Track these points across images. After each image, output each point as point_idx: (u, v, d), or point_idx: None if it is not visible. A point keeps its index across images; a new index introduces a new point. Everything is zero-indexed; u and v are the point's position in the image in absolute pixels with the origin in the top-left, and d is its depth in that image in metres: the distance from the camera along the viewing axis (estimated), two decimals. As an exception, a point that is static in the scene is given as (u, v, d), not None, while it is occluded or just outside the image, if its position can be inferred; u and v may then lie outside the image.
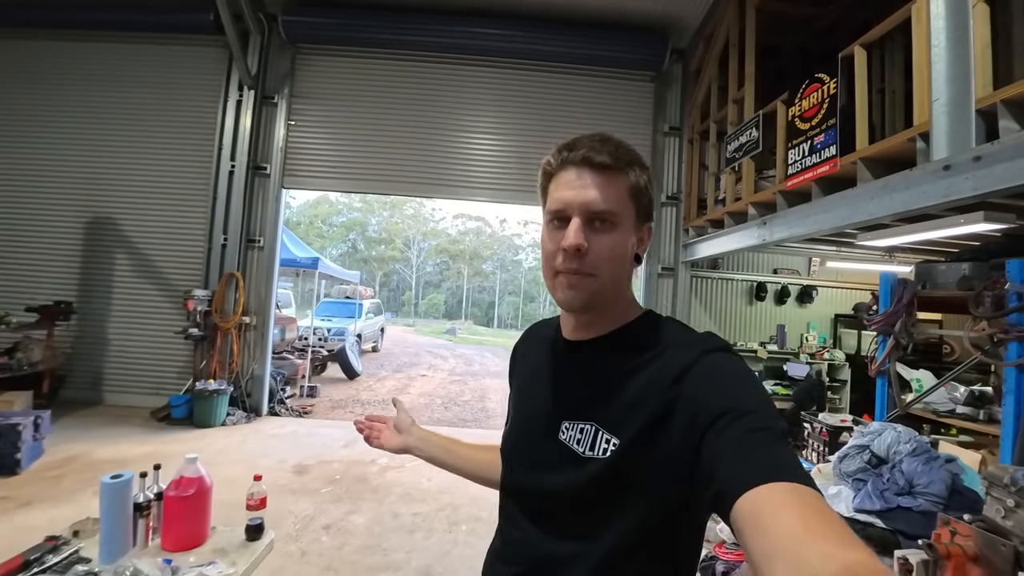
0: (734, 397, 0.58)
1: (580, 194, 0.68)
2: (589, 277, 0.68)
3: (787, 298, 6.16)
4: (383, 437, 1.08)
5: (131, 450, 4.38)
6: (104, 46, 5.93)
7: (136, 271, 5.88)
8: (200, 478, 1.85)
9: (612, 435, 0.65)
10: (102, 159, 5.90)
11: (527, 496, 0.76)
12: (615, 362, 0.70)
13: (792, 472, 0.49)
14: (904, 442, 2.34)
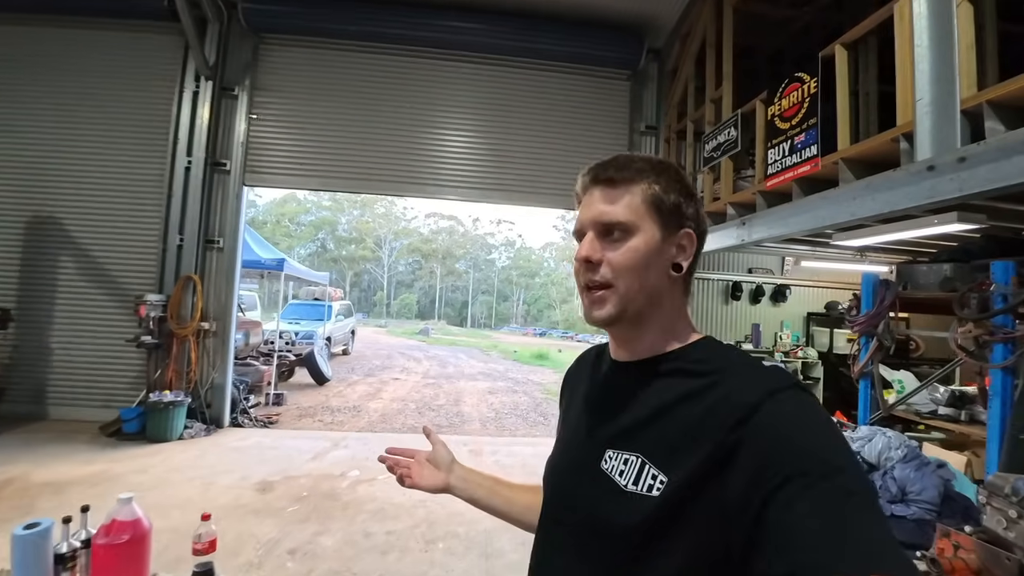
0: (813, 451, 0.51)
1: (592, 210, 0.70)
2: (607, 288, 0.68)
3: (761, 297, 6.21)
4: (415, 474, 0.98)
5: (75, 471, 4.01)
6: (47, 31, 5.44)
7: (83, 275, 5.44)
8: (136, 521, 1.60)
9: (660, 471, 0.60)
10: (44, 154, 5.42)
11: (560, 526, 0.73)
12: (667, 387, 0.66)
13: (886, 555, 0.42)
14: (895, 448, 2.30)
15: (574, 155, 6.04)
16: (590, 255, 0.68)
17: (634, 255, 0.67)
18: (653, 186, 0.69)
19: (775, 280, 6.27)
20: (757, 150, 3.96)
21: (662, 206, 0.69)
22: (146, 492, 3.76)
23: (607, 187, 0.70)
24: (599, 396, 0.76)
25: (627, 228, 0.67)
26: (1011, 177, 2.19)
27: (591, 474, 0.68)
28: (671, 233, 0.69)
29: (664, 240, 0.69)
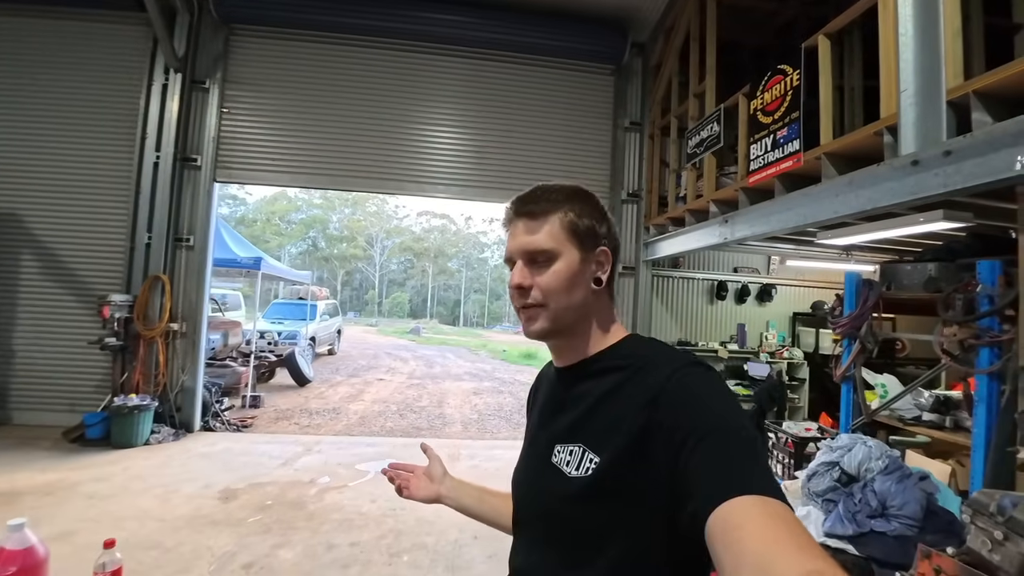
0: (705, 413, 0.60)
1: (517, 241, 0.77)
2: (540, 307, 0.75)
3: (747, 297, 6.10)
4: (412, 486, 1.05)
5: (29, 479, 3.83)
6: (9, 19, 5.23)
7: (46, 274, 5.23)
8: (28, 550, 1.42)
9: (595, 454, 0.68)
10: (4, 148, 5.21)
11: (528, 523, 0.81)
12: (595, 384, 0.75)
13: (760, 485, 0.51)
14: (876, 458, 2.18)
15: (558, 152, 5.91)
16: (521, 282, 0.75)
17: (559, 277, 0.74)
18: (569, 214, 0.77)
19: (761, 279, 6.16)
20: (740, 145, 3.84)
21: (578, 230, 0.76)
22: (103, 501, 3.59)
23: (528, 219, 0.77)
24: (549, 402, 0.85)
25: (550, 254, 0.75)
26: (998, 172, 2.06)
27: (544, 470, 0.75)
28: (589, 252, 0.77)
29: (583, 260, 0.76)
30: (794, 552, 0.43)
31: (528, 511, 0.81)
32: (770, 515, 0.47)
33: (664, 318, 6.04)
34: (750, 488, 0.50)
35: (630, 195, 5.90)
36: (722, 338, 6.10)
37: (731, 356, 5.87)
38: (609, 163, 5.93)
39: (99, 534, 3.08)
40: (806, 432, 2.95)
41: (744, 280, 6.11)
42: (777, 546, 0.44)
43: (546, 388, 0.89)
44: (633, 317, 5.78)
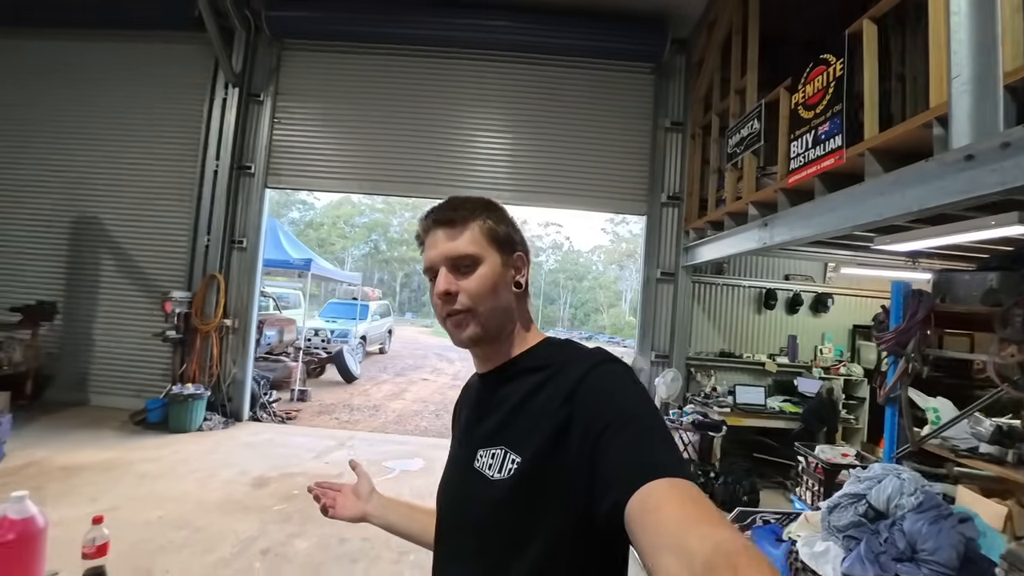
0: (617, 406, 0.63)
1: (439, 249, 0.78)
2: (467, 312, 0.76)
3: (799, 306, 5.62)
4: (339, 505, 1.04)
5: (93, 456, 4.25)
6: (89, 45, 5.90)
7: (121, 272, 5.82)
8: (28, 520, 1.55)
9: (516, 455, 0.69)
10: (87, 158, 5.87)
11: (450, 533, 0.80)
12: (518, 386, 0.76)
13: (669, 468, 0.54)
14: (908, 493, 1.92)
15: (596, 154, 5.78)
16: (448, 288, 0.75)
17: (485, 281, 0.76)
18: (488, 221, 0.79)
19: (815, 288, 5.66)
20: (780, 143, 3.56)
21: (497, 236, 0.79)
22: (151, 481, 3.91)
23: (448, 227, 0.78)
24: (471, 409, 0.85)
25: (474, 259, 0.76)
26: (1066, 166, 1.76)
27: (467, 477, 0.75)
28: (508, 257, 0.80)
29: (504, 264, 0.79)
30: (705, 526, 0.45)
31: (450, 520, 0.80)
32: (682, 495, 0.50)
33: (706, 327, 5.71)
34: (663, 472, 0.53)
35: (670, 198, 5.65)
36: (770, 350, 5.68)
37: (780, 370, 5.45)
38: (648, 165, 5.71)
39: (142, 512, 3.37)
40: (842, 458, 2.66)
41: (796, 288, 5.66)
42: (689, 523, 0.46)
43: (469, 397, 0.90)
44: (671, 325, 5.52)
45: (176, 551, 2.94)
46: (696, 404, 4.94)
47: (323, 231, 34.11)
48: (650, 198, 5.68)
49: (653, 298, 5.63)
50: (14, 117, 5.98)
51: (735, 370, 5.56)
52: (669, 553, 0.45)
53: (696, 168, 5.37)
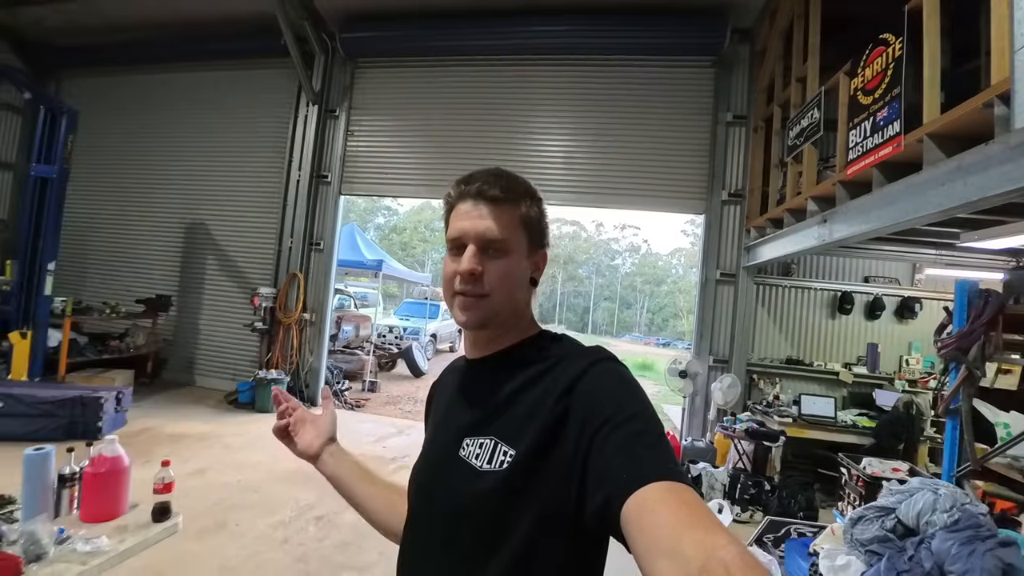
0: (615, 405, 0.62)
1: (475, 224, 0.73)
2: (483, 297, 0.73)
3: (881, 312, 5.05)
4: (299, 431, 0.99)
5: (193, 427, 4.95)
6: (197, 75, 6.88)
7: (221, 270, 6.69)
8: (116, 458, 1.95)
9: (510, 447, 0.67)
10: (196, 173, 6.85)
11: (425, 522, 0.76)
12: (512, 376, 0.73)
13: (666, 471, 0.53)
14: (943, 510, 1.74)
15: (655, 154, 5.66)
16: (475, 268, 0.72)
17: (509, 272, 0.74)
18: (532, 208, 0.77)
19: (901, 291, 5.07)
20: (839, 132, 3.30)
21: (532, 227, 0.77)
22: (234, 452, 4.48)
23: (491, 204, 0.74)
24: (456, 395, 0.82)
25: (505, 247, 0.73)
26: None
27: (450, 464, 0.72)
28: (533, 252, 0.78)
29: (528, 257, 0.77)
30: (700, 532, 0.45)
31: (428, 509, 0.76)
32: (680, 500, 0.50)
33: (771, 332, 5.36)
34: (662, 475, 0.52)
35: (731, 195, 5.38)
36: (846, 359, 5.19)
37: (856, 381, 4.97)
38: (708, 161, 5.49)
39: (224, 476, 3.89)
40: (892, 472, 2.43)
41: (878, 291, 5.11)
42: (685, 528, 0.46)
43: (451, 382, 0.87)
44: (731, 328, 5.25)
45: (246, 509, 3.38)
46: (755, 412, 4.67)
47: (405, 235, 36.11)
48: (709, 196, 5.45)
49: (712, 300, 5.39)
50: (139, 141, 7.14)
51: (804, 379, 5.15)
52: (664, 557, 0.45)
53: (759, 163, 5.08)
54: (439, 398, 0.91)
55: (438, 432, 0.82)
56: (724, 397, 4.79)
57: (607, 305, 44.41)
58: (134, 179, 7.11)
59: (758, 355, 5.30)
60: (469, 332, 0.79)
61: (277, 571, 2.73)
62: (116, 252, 7.12)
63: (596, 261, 43.62)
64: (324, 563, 2.87)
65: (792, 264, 5.26)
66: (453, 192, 0.78)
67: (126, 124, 7.20)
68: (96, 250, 7.18)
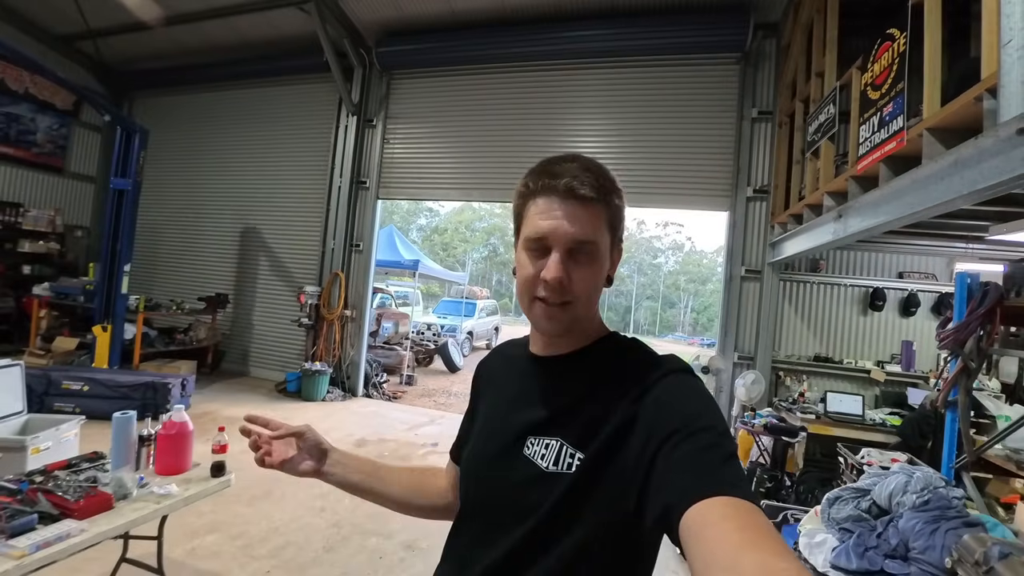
0: (688, 415, 0.60)
1: (563, 225, 0.67)
2: (568, 305, 0.69)
3: (916, 308, 4.89)
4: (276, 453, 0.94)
5: (247, 411, 5.43)
6: (249, 92, 7.55)
7: (272, 270, 7.28)
8: (183, 423, 2.33)
9: (577, 450, 0.66)
10: (249, 180, 7.51)
11: (484, 516, 0.75)
12: (582, 379, 0.73)
13: (735, 487, 0.52)
14: (913, 491, 1.82)
15: (681, 152, 5.70)
16: (562, 279, 0.67)
17: (595, 278, 0.70)
18: (615, 206, 0.71)
19: (938, 287, 4.88)
20: (851, 127, 3.31)
21: (616, 227, 0.73)
22: (282, 435, 4.93)
23: (580, 204, 0.68)
24: (519, 389, 0.79)
25: (594, 251, 0.69)
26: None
27: (512, 461, 0.71)
28: (614, 249, 0.74)
29: (609, 257, 0.73)
30: (764, 554, 0.44)
31: (488, 504, 0.75)
32: (745, 518, 0.48)
33: (799, 329, 5.29)
34: (727, 490, 0.51)
35: (757, 191, 5.36)
36: (878, 356, 5.06)
37: (889, 379, 4.85)
38: (733, 158, 5.48)
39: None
40: (890, 463, 2.47)
41: (912, 287, 4.96)
42: (748, 547, 0.45)
43: (511, 372, 0.84)
44: (756, 326, 5.24)
45: (291, 483, 3.75)
46: (779, 409, 4.65)
47: (446, 236, 36.92)
48: (734, 193, 5.45)
49: (737, 296, 5.39)
50: (201, 153, 7.89)
51: (833, 376, 5.06)
52: (722, 573, 0.44)
53: (783, 158, 5.03)
54: (490, 383, 0.89)
55: (496, 426, 0.79)
56: (748, 394, 4.79)
57: (649, 304, 43.57)
58: (194, 189, 7.87)
59: (785, 352, 5.25)
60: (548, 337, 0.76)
61: (315, 531, 3.09)
62: (181, 255, 7.89)
63: (638, 260, 42.87)
64: (355, 529, 3.21)
65: (820, 260, 5.18)
66: (532, 184, 0.71)
67: (186, 139, 7.98)
68: (164, 253, 7.98)
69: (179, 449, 2.30)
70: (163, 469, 2.22)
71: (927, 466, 1.98)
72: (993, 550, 1.26)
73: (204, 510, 3.14)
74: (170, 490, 2.00)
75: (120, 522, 1.71)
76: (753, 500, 0.51)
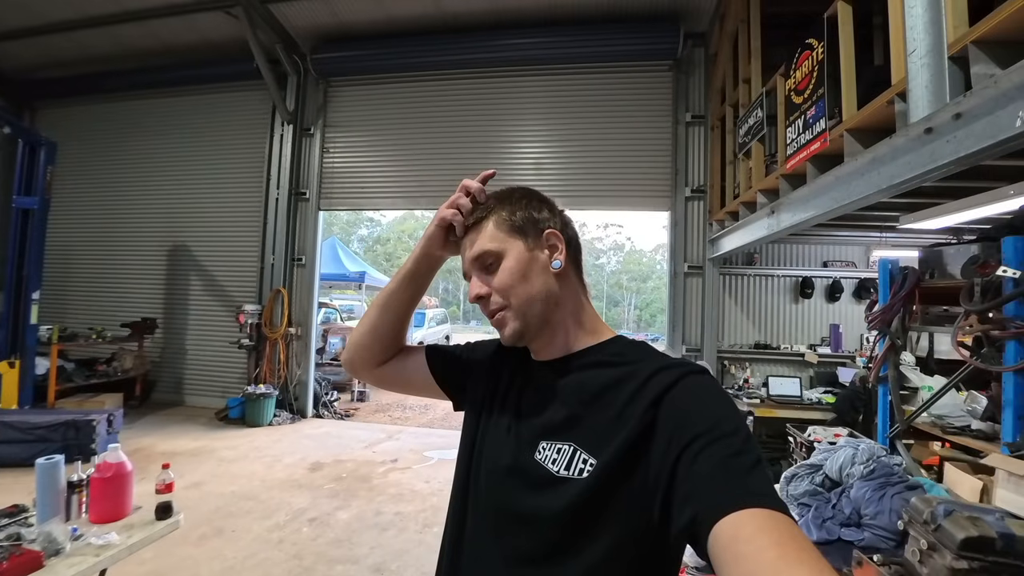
0: (711, 419, 0.58)
1: (466, 254, 0.79)
2: (503, 310, 0.74)
3: (840, 294, 5.36)
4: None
5: (185, 445, 5.05)
6: (173, 100, 7.02)
7: (205, 290, 6.80)
8: (120, 463, 2.11)
9: (590, 455, 0.65)
10: (177, 195, 6.96)
11: (493, 519, 0.73)
12: (590, 380, 0.71)
13: (768, 498, 0.50)
14: (860, 463, 1.98)
15: (622, 155, 5.90)
16: (479, 292, 0.76)
17: (509, 272, 0.74)
18: (501, 213, 0.78)
19: (858, 274, 5.37)
20: (779, 130, 3.57)
21: (515, 225, 0.77)
22: (228, 464, 4.59)
23: (472, 232, 0.79)
24: (527, 394, 0.78)
25: (496, 254, 0.75)
26: (1004, 131, 1.77)
27: (522, 466, 0.70)
28: (536, 240, 0.77)
29: (531, 248, 0.76)
30: (804, 570, 0.43)
31: (499, 507, 0.73)
32: (783, 532, 0.47)
33: (739, 320, 5.62)
34: (760, 501, 0.49)
35: (694, 191, 5.65)
36: (811, 340, 5.47)
37: (821, 361, 5.25)
38: (671, 160, 5.75)
39: (220, 487, 4.02)
40: (834, 438, 2.67)
41: (836, 275, 5.41)
42: (787, 564, 0.43)
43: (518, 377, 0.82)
44: (701, 319, 5.51)
45: (243, 516, 3.52)
46: (727, 396, 4.90)
47: (389, 246, 36.09)
48: (674, 193, 5.72)
49: (682, 292, 5.65)
50: (119, 166, 7.24)
51: (772, 362, 5.41)
52: None
53: (717, 160, 5.35)
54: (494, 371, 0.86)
55: (509, 432, 0.76)
56: (698, 384, 5.02)
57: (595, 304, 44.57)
58: (114, 205, 7.20)
59: (728, 342, 5.55)
60: (524, 344, 0.78)
61: (274, 567, 2.89)
62: (99, 278, 7.19)
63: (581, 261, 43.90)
64: (318, 558, 3.03)
65: (754, 253, 5.53)
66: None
67: (102, 152, 7.30)
68: (79, 277, 7.24)
69: (117, 492, 2.07)
70: (99, 517, 1.99)
71: (867, 438, 2.16)
72: (939, 509, 1.38)
73: (145, 556, 2.85)
74: (110, 539, 1.80)
75: (55, 581, 1.52)
76: (785, 510, 0.50)
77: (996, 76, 1.80)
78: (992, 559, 1.25)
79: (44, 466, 1.87)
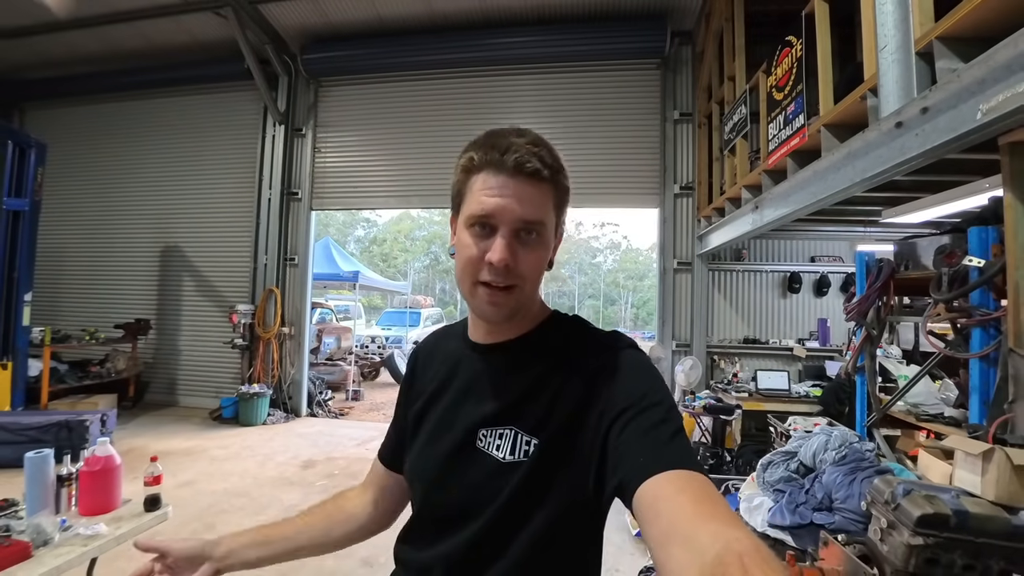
0: (637, 393, 0.61)
1: (511, 204, 0.64)
2: (513, 289, 0.66)
3: (827, 288, 5.43)
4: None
5: (178, 444, 5.07)
6: (164, 101, 7.02)
7: (198, 290, 6.81)
8: (108, 457, 2.14)
9: (532, 437, 0.66)
10: (169, 195, 6.97)
11: (439, 517, 0.72)
12: (530, 364, 0.71)
13: (686, 461, 0.54)
14: (832, 448, 2.02)
15: (611, 153, 5.95)
16: (508, 262, 0.64)
17: (542, 260, 0.68)
18: (563, 186, 0.69)
19: (845, 268, 5.44)
20: (761, 126, 3.62)
21: (561, 208, 0.71)
22: (221, 462, 4.62)
23: (529, 181, 0.65)
24: (463, 382, 0.75)
25: (541, 231, 0.66)
26: (965, 124, 1.82)
27: (466, 457, 0.69)
28: (557, 230, 0.72)
29: (553, 240, 0.71)
30: (718, 524, 0.45)
31: (443, 505, 0.71)
32: (698, 490, 0.50)
33: (728, 314, 5.67)
34: (680, 463, 0.52)
35: (683, 188, 5.71)
36: (799, 335, 5.53)
37: (809, 355, 5.31)
38: (659, 158, 5.80)
39: (212, 484, 4.05)
40: (814, 427, 2.71)
41: (823, 270, 5.47)
42: (702, 518, 0.46)
43: (452, 365, 0.79)
44: (691, 314, 5.56)
45: (234, 512, 3.55)
46: (716, 391, 4.96)
47: (386, 246, 36.07)
48: (662, 190, 5.77)
49: (671, 288, 5.70)
50: (112, 168, 7.23)
51: (761, 356, 5.48)
52: (679, 545, 0.44)
53: (704, 157, 5.40)
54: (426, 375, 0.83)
55: (444, 424, 0.74)
56: (687, 379, 5.07)
57: (591, 303, 44.77)
58: (106, 206, 7.20)
59: (717, 337, 5.61)
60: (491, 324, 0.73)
61: (263, 563, 2.92)
62: (92, 279, 7.19)
63: (578, 260, 43.98)
64: (308, 554, 3.06)
65: (742, 249, 5.59)
66: (478, 157, 0.68)
67: (94, 153, 7.30)
68: (72, 278, 7.24)
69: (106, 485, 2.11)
70: (88, 509, 2.03)
71: (843, 427, 2.21)
72: (899, 488, 1.43)
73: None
74: (98, 530, 1.83)
75: (41, 571, 1.55)
76: (702, 471, 0.53)
77: (959, 70, 1.85)
78: (947, 535, 1.30)
79: (33, 460, 1.91)
